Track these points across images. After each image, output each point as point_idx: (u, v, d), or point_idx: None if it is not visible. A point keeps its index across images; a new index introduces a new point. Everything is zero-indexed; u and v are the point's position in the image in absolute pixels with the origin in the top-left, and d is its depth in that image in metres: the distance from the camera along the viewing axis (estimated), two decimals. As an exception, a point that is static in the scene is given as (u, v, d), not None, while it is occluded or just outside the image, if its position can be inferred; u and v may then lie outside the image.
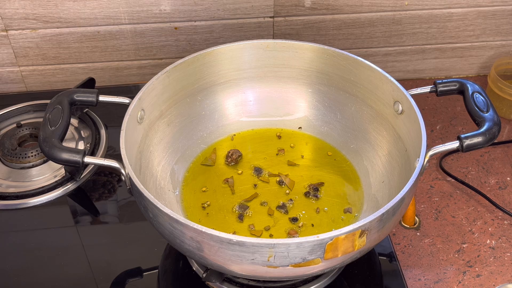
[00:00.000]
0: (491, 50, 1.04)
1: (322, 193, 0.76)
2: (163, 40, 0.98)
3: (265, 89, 0.85)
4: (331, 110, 0.83)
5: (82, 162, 0.64)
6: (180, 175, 0.78)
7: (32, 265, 0.74)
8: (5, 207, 0.81)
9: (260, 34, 0.99)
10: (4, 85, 1.02)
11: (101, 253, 0.76)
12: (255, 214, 0.73)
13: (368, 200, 0.75)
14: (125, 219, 0.80)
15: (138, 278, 0.73)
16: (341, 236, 0.55)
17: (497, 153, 0.91)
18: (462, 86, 0.72)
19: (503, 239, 0.78)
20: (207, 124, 0.83)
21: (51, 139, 0.65)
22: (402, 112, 0.73)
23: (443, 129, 0.95)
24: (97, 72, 1.01)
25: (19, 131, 0.90)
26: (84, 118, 0.93)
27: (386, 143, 0.76)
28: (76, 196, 0.83)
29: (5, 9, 0.92)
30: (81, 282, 0.72)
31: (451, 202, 0.83)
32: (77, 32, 0.96)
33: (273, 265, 0.57)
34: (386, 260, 0.75)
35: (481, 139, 0.64)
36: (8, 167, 0.86)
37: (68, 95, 0.71)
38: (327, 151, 0.82)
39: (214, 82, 0.82)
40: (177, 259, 0.74)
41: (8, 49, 0.97)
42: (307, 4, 0.95)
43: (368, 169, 0.78)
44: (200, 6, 0.95)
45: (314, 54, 0.80)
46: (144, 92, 0.72)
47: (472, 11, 0.98)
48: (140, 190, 0.60)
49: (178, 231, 0.58)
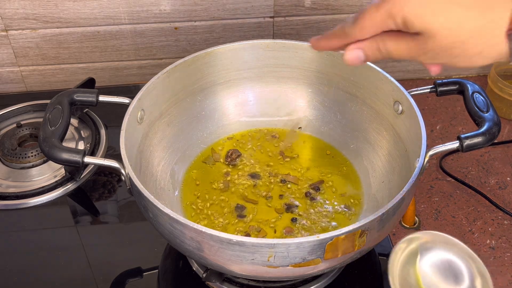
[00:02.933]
0: (491, 50, 1.04)
1: (322, 193, 0.76)
2: (163, 40, 0.98)
3: (265, 89, 0.85)
4: (331, 110, 0.83)
5: (82, 162, 0.64)
6: (180, 175, 0.78)
7: (32, 265, 0.74)
8: (5, 207, 0.81)
9: (260, 34, 0.99)
10: (4, 85, 1.02)
11: (101, 253, 0.76)
12: (254, 214, 0.73)
13: (368, 200, 0.75)
14: (125, 219, 0.80)
15: (138, 278, 0.73)
16: (341, 236, 0.55)
17: (497, 153, 0.91)
18: (462, 86, 0.72)
19: (503, 239, 0.78)
20: (207, 124, 0.83)
21: (51, 139, 0.65)
22: (402, 112, 0.73)
23: (443, 129, 0.95)
24: (97, 72, 1.01)
25: (19, 131, 0.90)
26: (84, 118, 0.93)
27: (386, 143, 0.76)
28: (76, 196, 0.83)
29: (5, 9, 0.92)
30: (81, 282, 0.72)
31: (451, 202, 0.83)
32: (77, 32, 0.96)
33: (273, 265, 0.57)
34: (386, 260, 0.75)
35: (481, 139, 0.64)
36: (8, 167, 0.86)
37: (68, 95, 0.71)
38: (326, 151, 0.82)
39: (214, 82, 0.82)
40: (177, 259, 0.74)
41: (8, 49, 0.97)
42: (307, 4, 0.95)
43: (368, 169, 0.78)
44: (200, 6, 0.95)
45: (314, 54, 0.80)
46: (144, 92, 0.72)
47: (472, 11, 0.98)
48: (140, 190, 0.60)
49: (178, 231, 0.58)
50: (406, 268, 0.51)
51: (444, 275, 0.51)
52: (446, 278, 0.50)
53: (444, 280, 0.50)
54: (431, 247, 0.51)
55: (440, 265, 0.51)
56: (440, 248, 0.51)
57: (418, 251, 0.51)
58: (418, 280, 0.51)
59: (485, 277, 0.49)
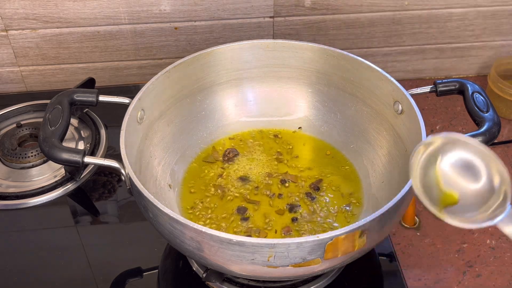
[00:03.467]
0: (491, 50, 1.04)
1: (322, 193, 0.76)
2: (163, 40, 0.98)
3: (265, 89, 0.85)
4: (331, 110, 0.83)
5: (82, 162, 0.64)
6: (180, 175, 0.78)
7: (32, 265, 0.74)
8: (5, 207, 0.81)
9: (260, 34, 0.99)
10: (4, 85, 1.02)
11: (101, 253, 0.76)
12: (254, 214, 0.73)
13: (368, 200, 0.75)
14: (125, 219, 0.80)
15: (138, 278, 0.73)
16: (341, 236, 0.55)
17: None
18: (462, 86, 0.72)
19: (503, 239, 0.78)
20: (207, 124, 0.83)
21: (51, 139, 0.65)
22: (402, 112, 0.73)
23: (443, 129, 0.95)
24: (97, 72, 1.01)
25: (19, 131, 0.90)
26: (84, 118, 0.93)
27: (386, 143, 0.76)
28: (76, 196, 0.83)
29: (5, 9, 0.92)
30: (81, 282, 0.72)
31: (451, 202, 0.83)
32: (77, 32, 0.96)
33: (273, 265, 0.57)
34: (386, 260, 0.75)
35: (481, 139, 0.64)
36: (8, 167, 0.86)
37: (68, 95, 0.71)
38: (326, 151, 0.82)
39: (214, 82, 0.82)
40: (177, 259, 0.74)
41: (8, 49, 0.97)
42: (307, 4, 0.95)
43: (368, 169, 0.78)
44: (200, 6, 0.95)
45: (314, 54, 0.80)
46: (144, 92, 0.72)
47: (472, 11, 0.98)
48: (140, 190, 0.60)
49: (178, 231, 0.58)
50: (426, 169, 0.52)
51: (463, 174, 0.51)
52: (465, 176, 0.51)
53: (463, 179, 0.51)
54: (450, 149, 0.52)
55: (459, 166, 0.52)
56: (459, 149, 0.52)
57: (439, 153, 0.52)
58: (438, 180, 0.51)
59: (503, 176, 0.50)
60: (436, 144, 0.52)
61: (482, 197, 0.51)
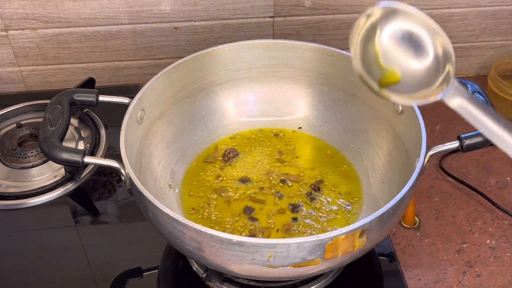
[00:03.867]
0: (491, 50, 1.04)
1: (322, 193, 0.76)
2: (163, 40, 0.98)
3: (265, 89, 0.85)
4: (331, 110, 0.83)
5: (82, 162, 0.64)
6: (180, 175, 0.78)
7: (32, 265, 0.74)
8: (5, 207, 0.81)
9: (260, 34, 0.99)
10: (4, 85, 1.02)
11: (101, 253, 0.76)
12: (254, 214, 0.73)
13: (368, 200, 0.75)
14: (125, 219, 0.80)
15: (138, 278, 0.73)
16: (341, 236, 0.55)
17: (497, 153, 0.91)
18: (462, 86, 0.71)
19: (503, 239, 0.78)
20: (207, 124, 0.83)
21: (51, 139, 0.65)
22: (402, 112, 0.73)
23: (443, 129, 0.95)
24: (97, 72, 1.01)
25: (19, 131, 0.90)
26: (84, 118, 0.93)
27: (386, 143, 0.76)
28: (76, 196, 0.83)
29: (5, 9, 0.92)
30: (81, 282, 0.72)
31: (451, 202, 0.83)
32: (77, 32, 0.96)
33: (273, 265, 0.57)
34: (386, 260, 0.75)
35: (481, 139, 0.64)
36: (8, 167, 0.86)
37: (68, 95, 0.71)
38: (326, 151, 0.82)
39: (214, 82, 0.82)
40: (177, 259, 0.74)
41: (8, 49, 0.97)
42: (307, 4, 0.95)
43: (368, 169, 0.78)
44: (200, 6, 0.95)
45: (314, 54, 0.80)
46: (144, 92, 0.72)
47: (472, 11, 0.98)
48: (140, 190, 0.60)
49: (178, 231, 0.58)
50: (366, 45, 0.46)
51: (404, 49, 0.46)
52: (407, 52, 0.46)
53: (404, 54, 0.46)
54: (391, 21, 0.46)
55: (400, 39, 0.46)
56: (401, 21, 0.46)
57: (377, 26, 0.46)
58: (377, 56, 0.46)
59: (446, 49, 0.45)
60: (376, 15, 0.46)
61: (426, 74, 0.46)
